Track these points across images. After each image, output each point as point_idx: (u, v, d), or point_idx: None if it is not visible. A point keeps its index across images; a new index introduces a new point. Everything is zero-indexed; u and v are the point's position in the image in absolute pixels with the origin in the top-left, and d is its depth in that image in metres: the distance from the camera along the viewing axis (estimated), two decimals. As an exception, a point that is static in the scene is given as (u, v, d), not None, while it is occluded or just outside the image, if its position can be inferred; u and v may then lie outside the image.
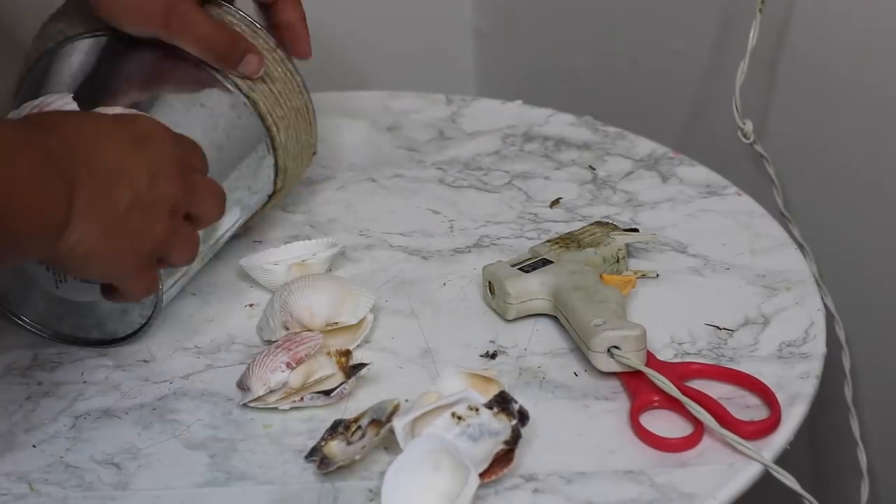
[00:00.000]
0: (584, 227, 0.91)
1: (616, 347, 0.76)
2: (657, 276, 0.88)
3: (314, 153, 0.93)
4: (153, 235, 0.69)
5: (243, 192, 0.86)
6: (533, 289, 0.83)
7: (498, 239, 0.92)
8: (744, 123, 1.00)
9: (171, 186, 0.70)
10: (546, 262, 0.86)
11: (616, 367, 0.77)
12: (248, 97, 0.85)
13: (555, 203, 0.96)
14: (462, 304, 0.86)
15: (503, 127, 1.08)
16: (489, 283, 0.85)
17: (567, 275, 0.84)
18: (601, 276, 0.84)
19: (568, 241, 0.88)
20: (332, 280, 0.84)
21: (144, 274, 0.71)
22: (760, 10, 0.98)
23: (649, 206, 0.95)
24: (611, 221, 0.92)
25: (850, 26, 1.00)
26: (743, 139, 1.00)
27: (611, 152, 1.03)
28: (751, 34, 0.98)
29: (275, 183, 0.89)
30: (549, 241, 0.89)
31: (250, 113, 0.85)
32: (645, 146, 1.04)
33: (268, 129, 0.86)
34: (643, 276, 0.87)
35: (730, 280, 0.87)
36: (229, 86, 0.85)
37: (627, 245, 0.89)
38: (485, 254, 0.91)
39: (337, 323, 0.81)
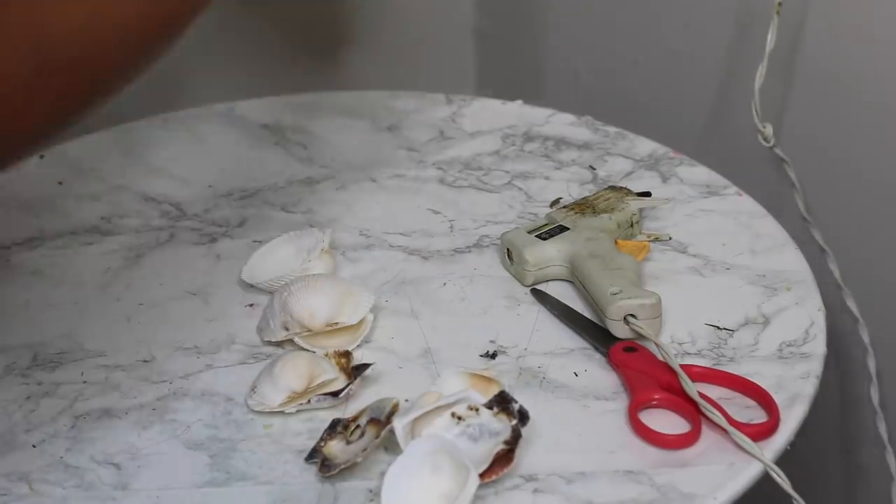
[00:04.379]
0: (597, 192, 0.93)
1: (632, 315, 0.78)
2: (670, 238, 0.90)
3: None
4: None
5: None
6: (550, 256, 0.86)
7: (498, 239, 0.92)
8: (763, 127, 0.99)
9: None
10: (562, 228, 0.88)
11: (631, 335, 0.79)
12: None
13: (555, 203, 0.96)
14: (462, 304, 0.86)
15: (503, 127, 1.08)
16: (507, 250, 0.88)
17: (583, 242, 0.86)
18: (616, 242, 0.86)
19: (583, 207, 0.91)
20: (332, 280, 0.84)
21: None
22: (778, 12, 0.97)
23: (649, 206, 0.95)
24: (624, 186, 0.94)
25: (868, 27, 0.98)
26: (763, 143, 0.99)
27: (611, 152, 1.03)
28: (769, 36, 0.97)
29: None
30: (564, 206, 0.91)
31: None
32: (645, 146, 1.04)
33: None
34: (657, 239, 0.90)
35: (730, 280, 0.87)
36: None
37: (641, 209, 0.91)
38: (485, 254, 0.91)
39: (337, 323, 0.81)
